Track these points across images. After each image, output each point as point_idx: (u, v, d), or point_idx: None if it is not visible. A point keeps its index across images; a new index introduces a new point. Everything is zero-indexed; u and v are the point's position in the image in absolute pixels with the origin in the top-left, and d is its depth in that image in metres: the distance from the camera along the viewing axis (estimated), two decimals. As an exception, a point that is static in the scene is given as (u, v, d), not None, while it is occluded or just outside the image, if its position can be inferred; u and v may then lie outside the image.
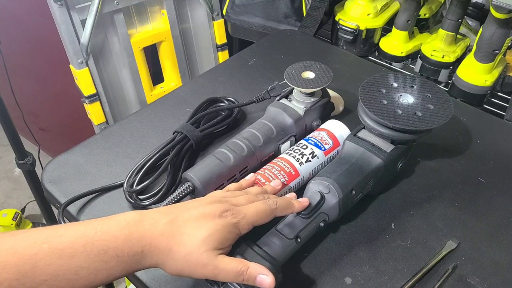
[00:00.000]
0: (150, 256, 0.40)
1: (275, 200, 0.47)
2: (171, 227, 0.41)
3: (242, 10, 1.07)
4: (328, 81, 0.63)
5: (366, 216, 0.57)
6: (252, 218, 0.44)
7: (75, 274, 0.37)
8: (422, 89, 0.60)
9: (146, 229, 0.40)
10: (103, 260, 0.38)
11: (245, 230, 0.44)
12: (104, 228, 0.39)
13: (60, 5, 0.93)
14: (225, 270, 0.41)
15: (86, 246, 0.37)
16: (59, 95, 1.40)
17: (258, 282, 0.42)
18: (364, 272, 0.51)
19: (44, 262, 0.36)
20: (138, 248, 0.39)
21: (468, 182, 0.63)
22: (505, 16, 0.73)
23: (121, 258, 0.38)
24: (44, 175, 0.63)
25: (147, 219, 0.41)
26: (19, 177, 1.77)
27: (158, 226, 0.41)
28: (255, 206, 0.45)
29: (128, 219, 0.40)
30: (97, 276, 0.38)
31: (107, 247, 0.38)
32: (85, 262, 0.37)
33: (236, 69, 0.84)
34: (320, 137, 0.61)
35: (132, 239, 0.39)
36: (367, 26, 0.94)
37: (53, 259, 0.36)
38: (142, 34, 1.11)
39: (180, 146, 0.62)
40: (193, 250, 0.40)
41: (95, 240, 0.38)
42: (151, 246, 0.40)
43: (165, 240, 0.40)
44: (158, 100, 0.76)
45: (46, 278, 0.36)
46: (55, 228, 0.39)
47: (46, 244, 0.37)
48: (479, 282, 0.50)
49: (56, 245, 0.37)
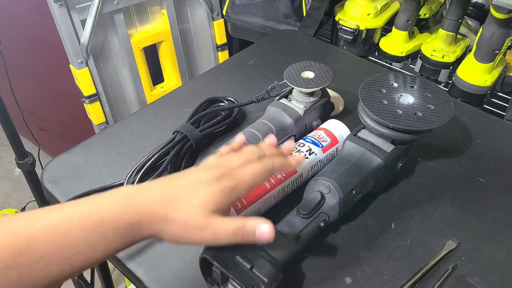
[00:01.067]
0: (148, 226, 0.39)
1: (270, 160, 0.46)
2: (167, 195, 0.40)
3: (242, 10, 1.07)
4: (328, 81, 0.63)
5: (366, 216, 0.57)
6: (249, 180, 0.43)
7: (72, 248, 0.36)
8: (423, 89, 0.60)
9: (141, 200, 0.40)
10: (100, 234, 0.37)
11: (244, 192, 0.43)
12: (98, 202, 0.39)
13: (60, 5, 0.93)
14: (223, 229, 0.40)
15: (82, 220, 0.37)
16: (59, 95, 1.40)
17: (258, 236, 0.41)
18: (364, 272, 0.51)
19: (39, 240, 0.35)
20: (134, 219, 0.39)
21: (468, 182, 0.63)
22: (505, 16, 0.73)
23: (118, 230, 0.38)
24: (44, 175, 0.63)
25: (142, 190, 0.41)
26: (19, 177, 1.77)
27: (154, 195, 0.40)
28: (251, 168, 0.44)
29: (123, 192, 0.40)
30: (95, 250, 0.37)
31: (102, 220, 0.37)
32: (81, 236, 0.37)
33: (236, 69, 0.84)
34: (318, 135, 0.61)
35: (127, 210, 0.39)
36: (367, 26, 0.94)
37: (48, 236, 0.36)
38: (142, 34, 1.11)
39: (180, 146, 0.62)
40: (190, 215, 0.39)
41: (90, 214, 0.37)
42: (148, 216, 0.39)
43: (162, 209, 0.39)
44: (158, 100, 0.76)
45: (42, 256, 0.35)
46: (49, 208, 0.38)
47: (40, 223, 0.36)
48: (479, 282, 0.50)
49: (50, 223, 0.36)
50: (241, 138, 0.52)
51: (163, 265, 0.52)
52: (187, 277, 0.50)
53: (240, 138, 0.52)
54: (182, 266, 0.52)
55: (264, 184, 0.54)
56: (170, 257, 0.52)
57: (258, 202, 0.53)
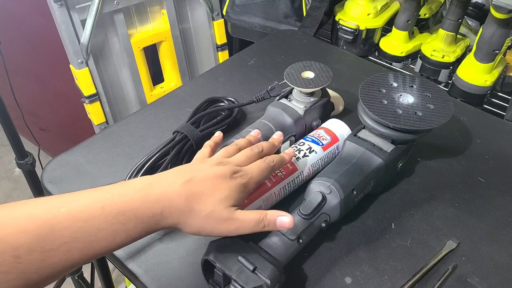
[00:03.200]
0: (170, 217, 0.41)
1: (272, 157, 0.50)
2: (189, 187, 0.42)
3: (242, 10, 1.07)
4: (328, 81, 0.63)
5: (366, 216, 0.57)
6: (257, 177, 0.47)
7: (94, 236, 0.37)
8: (422, 88, 0.60)
9: (163, 191, 0.41)
10: (122, 222, 0.38)
11: (252, 188, 0.47)
12: (120, 191, 0.40)
13: (60, 5, 0.93)
14: (246, 221, 0.43)
15: (105, 208, 0.38)
16: (59, 95, 1.40)
17: (279, 224, 0.45)
18: (364, 272, 0.51)
19: (62, 225, 0.36)
20: (157, 210, 0.40)
21: (468, 182, 0.63)
22: (505, 16, 0.73)
23: (139, 219, 0.39)
24: (44, 175, 0.63)
25: (162, 180, 0.42)
26: (19, 177, 1.77)
27: (175, 187, 0.42)
28: (257, 166, 0.48)
29: (143, 182, 0.42)
30: (116, 238, 0.38)
31: (125, 209, 0.39)
32: (103, 224, 0.38)
33: (236, 69, 0.84)
34: (318, 134, 0.61)
35: (150, 201, 0.40)
36: (367, 26, 0.94)
37: (70, 222, 0.37)
38: (142, 34, 1.11)
39: (180, 146, 0.62)
40: (214, 208, 0.42)
41: (113, 202, 0.39)
42: (171, 207, 0.41)
43: (185, 200, 0.41)
44: (158, 100, 0.76)
45: (65, 241, 0.36)
46: (70, 194, 0.39)
47: (64, 208, 0.37)
48: (479, 282, 0.50)
49: (73, 208, 0.37)
50: (257, 131, 0.56)
51: (163, 265, 0.52)
52: (187, 277, 0.50)
53: (256, 132, 0.56)
54: (182, 266, 0.52)
55: (265, 182, 0.54)
56: (170, 257, 0.52)
57: (259, 200, 0.53)
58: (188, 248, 0.53)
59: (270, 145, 0.53)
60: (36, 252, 0.35)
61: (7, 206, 0.37)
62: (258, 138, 0.56)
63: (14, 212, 0.36)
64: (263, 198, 0.54)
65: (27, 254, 0.34)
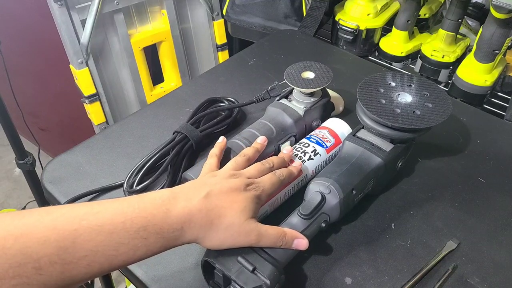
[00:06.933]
0: (190, 232, 0.41)
1: (281, 171, 0.51)
2: (208, 202, 0.43)
3: (242, 10, 1.07)
4: (328, 81, 0.63)
5: (366, 216, 0.57)
6: (269, 190, 0.48)
7: (115, 250, 0.37)
8: (420, 87, 0.60)
9: (182, 206, 0.41)
10: (143, 237, 0.38)
11: (265, 201, 0.48)
12: (141, 206, 0.40)
13: (60, 5, 0.93)
14: (267, 235, 0.45)
15: (125, 223, 0.38)
16: (59, 95, 1.40)
17: (295, 245, 0.47)
18: (364, 272, 0.51)
19: (83, 238, 0.36)
20: (177, 225, 0.40)
21: (468, 182, 0.63)
22: (505, 16, 0.73)
23: (160, 235, 0.39)
24: (44, 175, 0.63)
25: (181, 195, 0.43)
26: (19, 177, 1.77)
27: (194, 202, 0.42)
28: (269, 179, 0.49)
29: (162, 197, 0.42)
30: (136, 252, 0.38)
31: (146, 224, 0.39)
32: (124, 238, 0.38)
33: (236, 69, 0.84)
34: (322, 135, 0.61)
35: (170, 216, 0.40)
36: (367, 26, 0.94)
37: (92, 235, 0.36)
38: (142, 34, 1.11)
39: (180, 146, 0.62)
40: (234, 220, 0.43)
41: (134, 217, 0.39)
42: (191, 222, 0.41)
43: (204, 215, 0.42)
44: (158, 100, 0.76)
45: (86, 254, 0.36)
46: (90, 205, 0.39)
47: (85, 221, 0.37)
48: (479, 282, 0.50)
49: (95, 222, 0.37)
50: (264, 138, 0.57)
51: (163, 265, 0.52)
52: (187, 277, 0.50)
53: (262, 139, 0.57)
54: (182, 266, 0.52)
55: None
56: (170, 257, 0.52)
57: (265, 205, 0.54)
58: (188, 249, 0.53)
59: (280, 160, 0.53)
60: (57, 265, 0.35)
61: (29, 214, 0.36)
62: (265, 145, 0.57)
63: (37, 222, 0.36)
64: (269, 203, 0.54)
65: (48, 266, 0.34)
